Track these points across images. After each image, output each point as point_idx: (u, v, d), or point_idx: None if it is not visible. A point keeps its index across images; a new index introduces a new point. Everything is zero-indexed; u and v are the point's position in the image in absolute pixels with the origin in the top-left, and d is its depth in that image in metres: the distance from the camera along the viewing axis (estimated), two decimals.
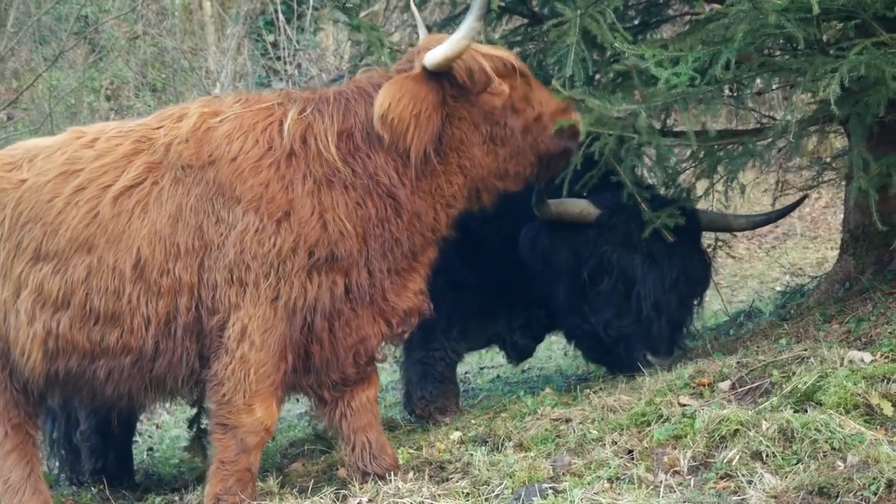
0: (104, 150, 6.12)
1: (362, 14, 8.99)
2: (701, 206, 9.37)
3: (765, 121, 8.36)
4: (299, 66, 21.96)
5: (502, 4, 7.49)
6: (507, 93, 5.91)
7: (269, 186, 5.70)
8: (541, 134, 6.04)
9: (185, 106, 6.22)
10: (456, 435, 6.63)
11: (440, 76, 5.78)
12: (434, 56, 5.71)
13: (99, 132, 6.29)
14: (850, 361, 6.01)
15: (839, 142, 10.70)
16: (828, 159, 9.34)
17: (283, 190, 5.70)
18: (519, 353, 8.61)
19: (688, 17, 8.49)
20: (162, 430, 11.02)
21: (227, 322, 5.74)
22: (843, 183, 8.51)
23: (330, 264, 5.70)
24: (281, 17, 21.78)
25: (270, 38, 22.16)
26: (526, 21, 8.31)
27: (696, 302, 7.95)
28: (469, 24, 5.63)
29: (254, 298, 5.67)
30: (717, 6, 7.48)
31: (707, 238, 9.75)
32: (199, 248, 5.76)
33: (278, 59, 21.87)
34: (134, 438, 8.71)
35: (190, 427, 8.17)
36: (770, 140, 7.35)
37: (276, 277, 5.65)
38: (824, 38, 6.60)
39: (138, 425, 9.32)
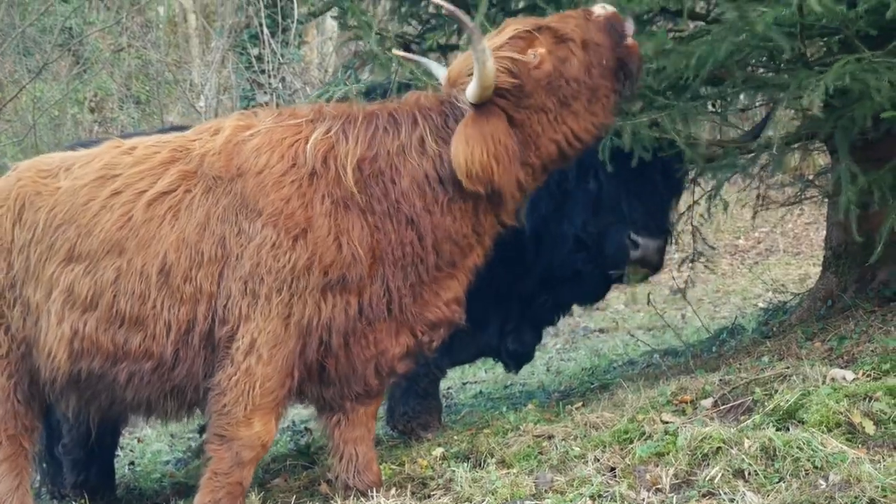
0: (142, 157, 6.14)
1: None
2: (683, 223, 9.43)
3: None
4: (283, 79, 21.95)
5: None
6: (545, 52, 5.69)
7: (290, 202, 5.67)
8: (598, 53, 5.74)
9: (223, 119, 6.23)
10: (438, 451, 6.62)
11: (491, 99, 5.62)
12: (472, 94, 5.59)
13: (138, 142, 6.33)
14: (833, 379, 6.02)
15: (822, 159, 10.74)
16: (811, 176, 9.37)
17: (303, 207, 5.66)
18: (517, 359, 8.54)
19: (671, 35, 8.51)
20: (144, 444, 10.98)
21: (236, 333, 5.72)
22: (826, 200, 8.54)
23: (342, 286, 5.66)
24: (265, 30, 21.78)
25: (255, 51, 22.12)
26: None
27: (672, 194, 7.92)
28: (477, 48, 5.47)
29: (265, 312, 5.65)
30: (700, 23, 7.51)
31: (686, 251, 9.81)
32: (221, 257, 5.75)
33: (262, 72, 21.84)
34: (116, 452, 8.69)
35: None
36: (753, 154, 7.36)
37: (288, 293, 5.63)
38: (808, 53, 6.63)
39: (120, 439, 9.30)
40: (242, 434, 5.77)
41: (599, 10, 5.83)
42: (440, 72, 6.26)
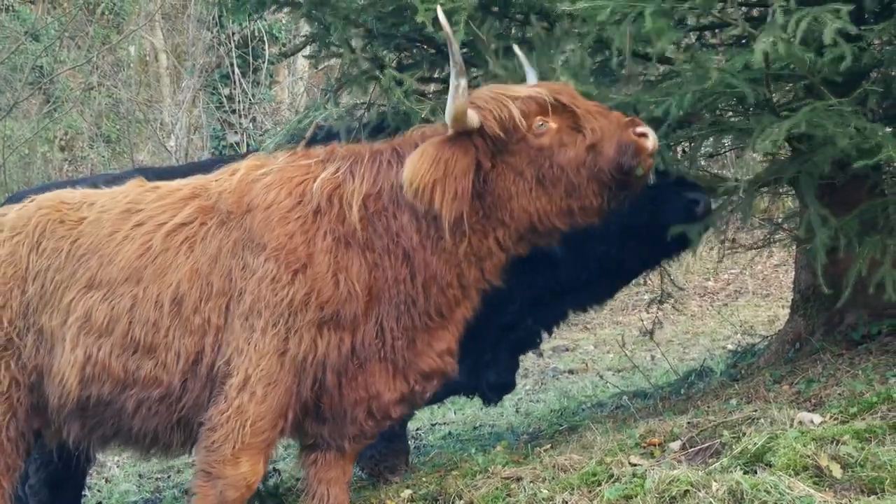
0: (165, 193, 6.19)
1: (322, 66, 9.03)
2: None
3: (717, 184, 8.40)
4: (254, 119, 22.01)
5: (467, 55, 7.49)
6: (554, 129, 5.68)
7: (294, 238, 5.69)
8: (596, 162, 5.66)
9: (239, 163, 6.26)
10: (407, 493, 6.62)
11: (470, 134, 5.63)
12: (447, 120, 5.61)
13: (162, 183, 6.38)
14: (800, 423, 6.03)
15: (791, 202, 10.79)
16: (779, 219, 9.41)
17: (306, 243, 5.68)
18: (499, 391, 8.46)
19: (641, 78, 8.54)
20: (111, 484, 10.92)
21: (231, 368, 5.69)
22: (794, 244, 8.57)
23: (337, 322, 5.65)
24: (236, 70, 21.83)
25: (226, 91, 22.20)
26: (481, 73, 8.36)
27: None
28: (453, 84, 5.50)
29: (260, 347, 5.62)
30: (670, 66, 7.55)
31: (654, 292, 9.83)
32: (228, 290, 5.76)
33: (233, 112, 21.92)
34: (83, 492, 8.62)
35: None
36: (723, 201, 7.39)
37: (284, 328, 5.60)
38: (774, 98, 6.67)
39: (87, 479, 9.24)
40: (229, 473, 5.71)
41: (640, 129, 5.74)
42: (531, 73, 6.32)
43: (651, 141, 5.69)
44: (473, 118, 5.58)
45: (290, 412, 5.74)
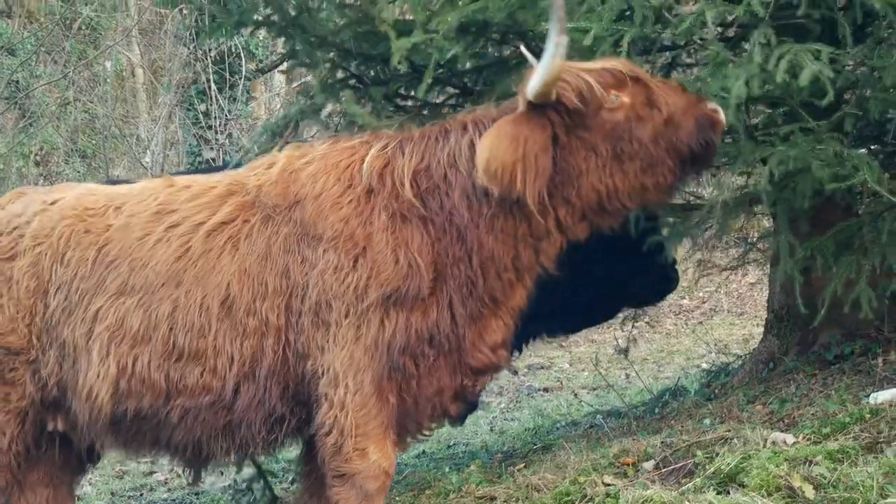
0: (199, 192, 6.01)
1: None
2: None
3: (692, 199, 8.42)
4: (230, 135, 21.99)
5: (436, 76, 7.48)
6: (628, 103, 5.51)
7: (349, 223, 5.57)
8: (675, 135, 5.52)
9: (275, 155, 6.13)
10: None
11: (545, 109, 5.45)
12: (532, 87, 5.38)
13: (192, 180, 6.22)
14: (773, 443, 6.04)
15: (766, 221, 10.83)
16: (754, 239, 9.43)
17: (362, 225, 5.57)
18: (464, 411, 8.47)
19: None
20: (83, 502, 10.84)
21: (318, 368, 5.58)
22: (769, 263, 8.60)
23: (402, 300, 5.51)
24: (213, 86, 21.81)
25: (202, 107, 22.17)
26: (457, 91, 8.37)
27: None
28: (553, 40, 5.26)
29: (339, 340, 5.52)
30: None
31: (629, 310, 9.87)
32: (286, 288, 5.63)
33: (210, 128, 21.89)
34: None
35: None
36: (698, 221, 7.40)
37: (354, 315, 5.49)
38: (752, 124, 6.70)
39: None
40: (361, 466, 5.57)
41: (712, 105, 5.65)
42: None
43: (723, 115, 5.63)
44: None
45: (390, 396, 5.60)
